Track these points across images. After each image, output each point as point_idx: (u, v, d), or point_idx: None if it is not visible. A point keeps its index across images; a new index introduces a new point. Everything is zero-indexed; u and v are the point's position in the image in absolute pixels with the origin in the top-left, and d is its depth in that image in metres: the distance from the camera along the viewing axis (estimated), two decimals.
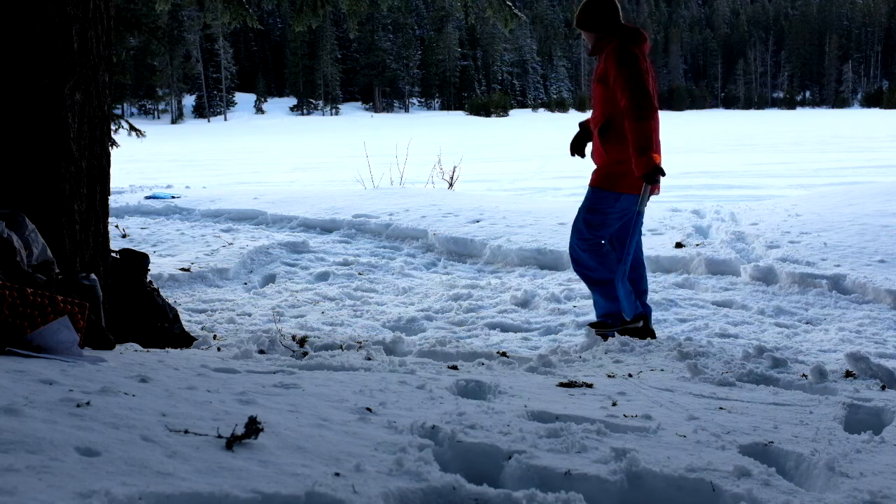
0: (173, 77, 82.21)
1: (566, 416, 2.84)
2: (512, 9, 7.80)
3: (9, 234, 3.23)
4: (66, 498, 1.53)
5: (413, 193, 10.31)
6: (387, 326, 5.23)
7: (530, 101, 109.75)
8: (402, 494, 1.89)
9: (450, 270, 7.19)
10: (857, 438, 2.77)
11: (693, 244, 7.11)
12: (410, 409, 2.82)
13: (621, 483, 2.18)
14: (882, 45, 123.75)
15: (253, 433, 2.07)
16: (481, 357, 4.15)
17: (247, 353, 3.88)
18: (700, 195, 13.65)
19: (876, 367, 3.80)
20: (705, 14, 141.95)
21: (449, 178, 12.60)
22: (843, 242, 6.64)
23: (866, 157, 21.90)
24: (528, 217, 8.38)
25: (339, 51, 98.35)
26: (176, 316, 4.44)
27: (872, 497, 2.14)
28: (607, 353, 4.39)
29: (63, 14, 3.65)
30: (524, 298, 5.84)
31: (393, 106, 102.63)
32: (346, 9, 8.04)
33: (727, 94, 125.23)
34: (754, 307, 5.55)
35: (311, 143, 37.27)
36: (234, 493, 1.69)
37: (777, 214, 7.90)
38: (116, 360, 3.11)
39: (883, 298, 5.53)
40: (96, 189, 3.93)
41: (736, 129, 46.07)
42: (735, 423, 2.87)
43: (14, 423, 1.91)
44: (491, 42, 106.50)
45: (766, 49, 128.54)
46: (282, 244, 7.77)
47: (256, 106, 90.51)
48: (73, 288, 3.37)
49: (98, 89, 3.87)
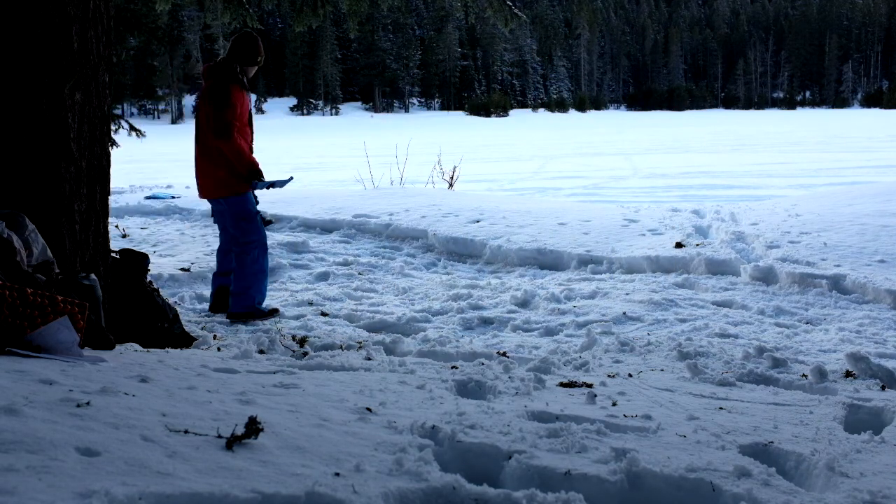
0: (173, 77, 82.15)
1: (566, 416, 2.84)
2: (512, 9, 7.80)
3: (9, 234, 3.23)
4: (66, 498, 1.53)
5: (413, 193, 10.31)
6: (387, 326, 5.23)
7: (530, 101, 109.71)
8: (402, 494, 1.89)
9: (450, 270, 7.19)
10: (857, 438, 2.77)
11: (693, 244, 7.11)
12: (410, 409, 2.82)
13: (621, 483, 2.18)
14: (882, 45, 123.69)
15: (253, 433, 2.07)
16: (481, 357, 4.15)
17: (247, 353, 3.89)
18: (700, 195, 13.66)
19: (876, 367, 3.81)
20: (705, 14, 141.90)
21: (449, 178, 12.60)
22: (843, 242, 6.64)
23: (866, 157, 21.90)
24: (528, 217, 8.38)
25: (339, 51, 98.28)
26: (176, 316, 4.44)
27: (872, 497, 2.14)
28: (607, 352, 4.40)
29: (63, 14, 3.65)
30: (524, 298, 5.84)
31: (393, 106, 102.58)
32: (346, 9, 8.04)
33: (727, 94, 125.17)
34: (754, 307, 5.55)
35: (311, 144, 37.26)
36: (234, 493, 1.69)
37: (777, 214, 7.89)
38: (116, 360, 3.11)
39: (883, 298, 5.53)
40: (96, 189, 3.93)
41: (736, 129, 46.07)
42: (735, 423, 2.88)
43: (14, 423, 1.91)
44: (491, 42, 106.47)
45: (766, 49, 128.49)
46: (282, 244, 7.76)
47: (256, 106, 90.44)
48: (73, 288, 3.37)
49: (98, 89, 3.87)
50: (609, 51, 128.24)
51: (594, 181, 17.59)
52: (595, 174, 19.27)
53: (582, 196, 14.45)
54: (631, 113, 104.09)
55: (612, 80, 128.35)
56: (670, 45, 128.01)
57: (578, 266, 7.01)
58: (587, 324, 5.15)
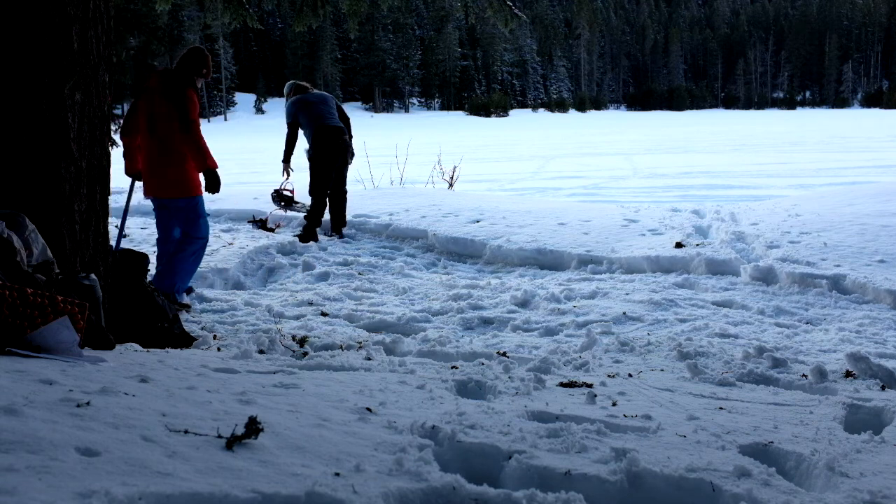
0: None
1: (566, 416, 2.84)
2: (512, 9, 7.80)
3: (9, 235, 3.23)
4: (66, 498, 1.53)
5: (413, 193, 10.31)
6: (387, 326, 5.23)
7: (530, 101, 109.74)
8: (402, 494, 1.89)
9: (450, 270, 7.19)
10: (857, 438, 2.77)
11: (693, 244, 7.11)
12: (410, 409, 2.82)
13: (621, 483, 2.18)
14: (882, 45, 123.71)
15: (253, 433, 2.07)
16: (481, 357, 4.15)
17: (247, 353, 3.89)
18: (700, 195, 13.66)
19: (876, 367, 3.80)
20: (705, 14, 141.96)
21: (449, 178, 12.60)
22: (843, 242, 6.64)
23: (866, 157, 21.90)
24: (528, 217, 8.38)
25: (339, 51, 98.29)
26: (176, 316, 4.44)
27: (872, 497, 2.14)
28: (607, 352, 4.40)
29: (63, 14, 3.65)
30: (524, 298, 5.83)
31: (393, 106, 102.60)
32: (346, 9, 8.04)
33: (727, 94, 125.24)
34: (754, 307, 5.55)
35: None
36: (234, 493, 1.69)
37: (777, 214, 7.89)
38: (116, 360, 3.11)
39: (883, 298, 5.53)
40: (96, 189, 3.93)
41: (736, 129, 46.08)
42: (735, 423, 2.88)
43: (14, 423, 1.91)
44: (491, 42, 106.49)
45: (766, 49, 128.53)
46: (282, 244, 7.76)
47: (256, 106, 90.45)
48: (73, 288, 3.37)
49: (98, 89, 3.87)
50: (609, 51, 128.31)
51: (594, 181, 17.59)
52: (595, 174, 19.28)
53: (582, 196, 14.46)
54: (631, 113, 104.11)
55: (612, 80, 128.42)
56: (670, 45, 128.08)
57: (578, 266, 7.01)
58: (587, 324, 5.15)
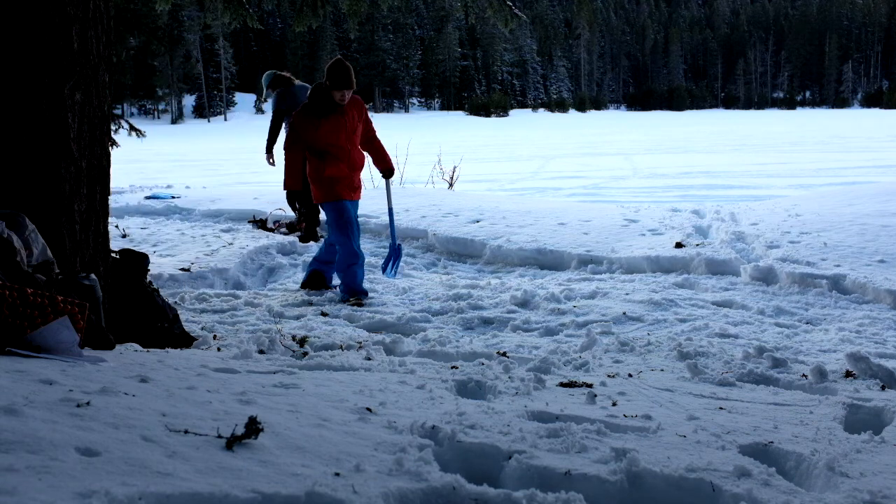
0: (173, 77, 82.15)
1: (566, 416, 2.84)
2: (512, 9, 7.80)
3: (9, 235, 3.23)
4: (66, 498, 1.53)
5: (413, 193, 10.31)
6: (387, 326, 5.23)
7: (530, 101, 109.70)
8: (402, 494, 1.89)
9: (450, 270, 7.19)
10: (857, 438, 2.77)
11: (693, 244, 7.11)
12: (410, 409, 2.82)
13: (621, 483, 2.18)
14: (882, 45, 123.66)
15: (253, 433, 2.07)
16: (481, 357, 4.15)
17: (247, 353, 3.89)
18: (700, 195, 13.66)
19: (876, 367, 3.80)
20: (705, 14, 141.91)
21: (449, 178, 12.60)
22: (843, 242, 6.64)
23: (866, 157, 21.90)
24: (528, 217, 8.38)
25: (339, 51, 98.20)
26: (176, 316, 4.44)
27: (872, 497, 2.14)
28: (607, 352, 4.40)
29: (63, 14, 3.65)
30: (524, 298, 5.83)
31: (393, 106, 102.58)
32: (346, 9, 8.03)
33: (727, 94, 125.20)
34: (754, 307, 5.55)
35: None
36: (234, 493, 1.69)
37: (777, 214, 7.89)
38: (116, 360, 3.11)
39: (883, 298, 5.53)
40: (96, 189, 3.93)
41: (736, 129, 46.07)
42: (735, 423, 2.88)
43: (14, 423, 1.91)
44: (491, 42, 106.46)
45: (766, 49, 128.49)
46: (282, 244, 7.76)
47: (256, 106, 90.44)
48: (73, 288, 3.37)
49: (98, 89, 3.87)
50: (609, 51, 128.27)
51: (594, 181, 17.59)
52: (595, 174, 19.27)
53: (582, 196, 14.45)
54: (631, 113, 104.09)
55: (612, 80, 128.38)
56: (670, 45, 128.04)
57: (578, 266, 7.01)
58: (587, 324, 5.15)
